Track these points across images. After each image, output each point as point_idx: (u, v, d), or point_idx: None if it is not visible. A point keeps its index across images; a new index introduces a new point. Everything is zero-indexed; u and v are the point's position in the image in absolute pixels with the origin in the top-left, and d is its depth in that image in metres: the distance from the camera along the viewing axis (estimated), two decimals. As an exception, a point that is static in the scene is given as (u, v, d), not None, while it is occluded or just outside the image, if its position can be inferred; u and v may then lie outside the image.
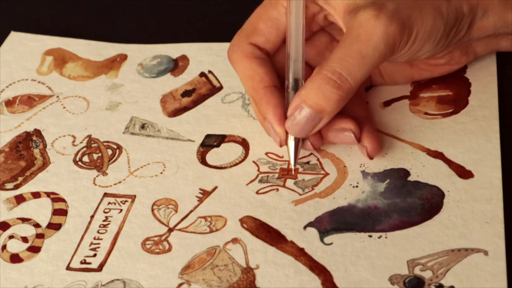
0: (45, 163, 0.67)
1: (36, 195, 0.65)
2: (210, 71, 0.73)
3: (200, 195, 0.62)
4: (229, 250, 0.58)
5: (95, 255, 0.60)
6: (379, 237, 0.57)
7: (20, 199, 0.64)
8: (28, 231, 0.62)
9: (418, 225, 0.58)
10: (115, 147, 0.68)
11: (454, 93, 0.67)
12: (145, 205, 0.63)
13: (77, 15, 0.82)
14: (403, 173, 0.62)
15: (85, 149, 0.68)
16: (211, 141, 0.67)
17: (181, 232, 0.60)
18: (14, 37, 0.79)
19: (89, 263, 0.59)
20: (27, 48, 0.78)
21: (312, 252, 0.57)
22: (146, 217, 0.62)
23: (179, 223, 0.61)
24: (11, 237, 0.62)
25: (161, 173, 0.65)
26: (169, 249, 0.59)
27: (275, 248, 0.58)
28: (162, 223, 0.61)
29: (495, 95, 0.66)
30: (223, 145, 0.66)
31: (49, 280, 0.58)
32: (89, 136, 0.69)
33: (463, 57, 0.67)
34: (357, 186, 0.61)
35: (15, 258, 0.60)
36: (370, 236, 0.58)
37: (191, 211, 0.61)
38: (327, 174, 0.62)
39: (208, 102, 0.70)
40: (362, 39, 0.58)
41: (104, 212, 0.62)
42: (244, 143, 0.66)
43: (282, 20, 0.63)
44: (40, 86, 0.74)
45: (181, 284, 0.57)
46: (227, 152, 0.65)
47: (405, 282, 0.55)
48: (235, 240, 0.59)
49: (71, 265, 0.59)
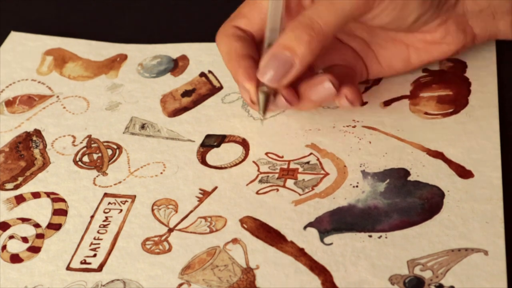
0: (45, 163, 0.67)
1: (36, 195, 0.65)
2: (210, 71, 0.73)
3: (200, 195, 0.62)
4: (229, 250, 0.58)
5: (95, 255, 0.60)
6: (379, 237, 0.57)
7: (20, 199, 0.64)
8: (28, 231, 0.62)
9: (418, 225, 0.58)
10: (115, 147, 0.68)
11: (454, 92, 0.67)
12: (145, 205, 0.63)
13: (77, 15, 0.82)
14: (403, 173, 0.62)
15: (85, 149, 0.68)
16: (211, 141, 0.67)
17: (181, 232, 0.60)
18: (14, 37, 0.79)
19: (89, 263, 0.59)
20: (27, 48, 0.78)
21: (312, 252, 0.57)
22: (146, 217, 0.62)
23: (179, 223, 0.61)
24: (11, 237, 0.62)
25: (161, 173, 0.65)
26: (169, 249, 0.59)
27: (275, 248, 0.58)
28: (162, 223, 0.61)
29: (495, 95, 0.66)
30: (223, 145, 0.66)
31: (49, 280, 0.58)
32: (89, 136, 0.69)
33: (460, 34, 0.65)
34: (357, 186, 0.61)
35: (15, 258, 0.60)
36: (370, 236, 0.58)
37: (191, 211, 0.61)
38: (327, 174, 0.62)
39: (208, 102, 0.70)
40: None
41: (104, 212, 0.62)
42: (244, 143, 0.66)
43: (265, 4, 0.63)
44: (40, 86, 0.74)
45: (181, 284, 0.57)
46: (227, 152, 0.65)
47: (405, 282, 0.55)
48: (235, 240, 0.59)
49: (71, 265, 0.59)
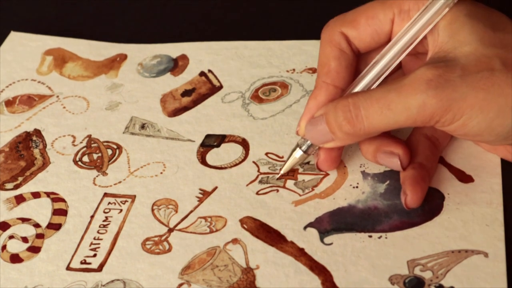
0: (45, 163, 0.67)
1: (36, 195, 0.65)
2: (210, 71, 0.73)
3: (200, 195, 0.62)
4: (229, 251, 0.58)
5: (95, 255, 0.60)
6: (379, 237, 0.57)
7: (20, 199, 0.64)
8: (28, 231, 0.62)
9: (418, 226, 0.58)
10: (115, 147, 0.68)
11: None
12: (145, 205, 0.63)
13: (77, 15, 0.82)
14: (403, 173, 0.62)
15: (85, 149, 0.68)
16: (211, 141, 0.67)
17: (181, 232, 0.60)
18: (14, 37, 0.79)
19: (89, 263, 0.59)
20: (27, 48, 0.78)
21: (312, 252, 0.57)
22: (146, 217, 0.62)
23: (179, 223, 0.61)
24: (11, 237, 0.62)
25: (161, 173, 0.65)
26: (169, 249, 0.59)
27: (275, 248, 0.58)
28: (162, 223, 0.61)
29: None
30: (223, 145, 0.66)
31: (49, 280, 0.58)
32: (89, 136, 0.69)
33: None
34: (357, 187, 0.61)
35: (15, 258, 0.60)
36: (370, 236, 0.58)
37: (191, 211, 0.61)
38: (327, 174, 0.62)
39: (208, 101, 0.70)
40: (401, 92, 0.54)
41: (104, 212, 0.62)
42: (244, 143, 0.66)
43: (385, 24, 0.59)
44: (40, 86, 0.74)
45: (181, 284, 0.57)
46: (227, 152, 0.65)
47: (405, 282, 0.55)
48: (235, 241, 0.59)
49: (71, 265, 0.59)
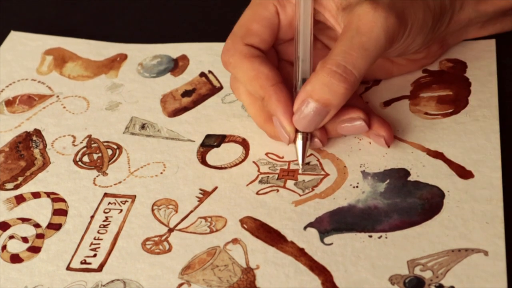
0: (45, 163, 0.67)
1: (36, 195, 0.65)
2: (210, 71, 0.73)
3: (200, 195, 0.62)
4: (229, 251, 0.58)
5: (95, 255, 0.60)
6: (379, 237, 0.57)
7: (20, 199, 0.64)
8: (28, 231, 0.62)
9: (418, 225, 0.58)
10: (115, 147, 0.68)
11: (454, 92, 0.67)
12: (145, 205, 0.63)
13: (77, 15, 0.82)
14: (403, 173, 0.62)
15: (85, 149, 0.68)
16: (211, 141, 0.67)
17: (181, 232, 0.60)
18: (14, 36, 0.79)
19: (89, 263, 0.59)
20: (27, 47, 0.78)
21: (312, 252, 0.57)
22: (146, 217, 0.62)
23: (179, 223, 0.61)
24: (11, 237, 0.62)
25: (161, 173, 0.65)
26: (169, 249, 0.59)
27: (275, 248, 0.58)
28: (162, 223, 0.61)
29: (495, 95, 0.66)
30: (223, 145, 0.66)
31: (49, 280, 0.58)
32: (89, 136, 0.69)
33: (439, 50, 0.69)
34: (357, 187, 0.61)
35: (15, 258, 0.60)
36: (370, 236, 0.58)
37: (191, 212, 0.61)
38: (327, 174, 0.62)
39: (208, 102, 0.70)
40: (363, 31, 0.59)
41: (104, 212, 0.62)
42: (244, 143, 0.66)
43: (274, 19, 0.63)
44: (40, 85, 0.74)
45: (181, 284, 0.57)
46: (227, 152, 0.65)
47: (405, 282, 0.55)
48: (235, 241, 0.59)
49: (71, 265, 0.59)
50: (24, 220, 0.63)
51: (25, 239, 0.61)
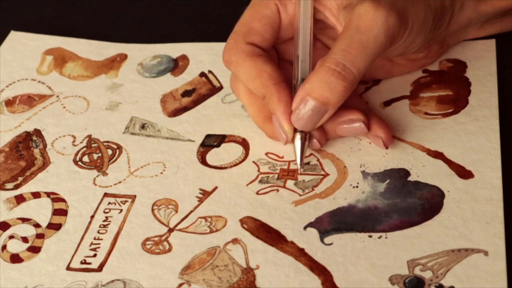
0: (45, 163, 0.67)
1: (36, 195, 0.65)
2: (210, 71, 0.73)
3: (200, 195, 0.62)
4: (229, 251, 0.58)
5: (95, 255, 0.60)
6: (379, 237, 0.57)
7: (20, 199, 0.64)
8: (28, 231, 0.62)
9: (418, 225, 0.58)
10: (115, 147, 0.68)
11: (454, 92, 0.67)
12: (145, 205, 0.63)
13: (77, 15, 0.82)
14: (403, 173, 0.62)
15: (85, 149, 0.68)
16: (211, 141, 0.67)
17: (181, 232, 0.60)
18: (14, 36, 0.79)
19: (89, 263, 0.59)
20: (27, 47, 0.78)
21: (312, 252, 0.57)
22: (146, 217, 0.62)
23: (179, 223, 0.61)
24: (11, 237, 0.62)
25: (161, 173, 0.65)
26: (169, 249, 0.59)
27: (275, 248, 0.58)
28: (162, 223, 0.61)
29: (495, 95, 0.66)
30: (223, 145, 0.66)
31: (49, 280, 0.58)
32: (89, 136, 0.69)
33: (439, 50, 0.69)
34: (357, 187, 0.61)
35: (15, 258, 0.60)
36: (370, 236, 0.58)
37: (191, 211, 0.61)
38: (327, 174, 0.62)
39: (208, 102, 0.70)
40: (363, 30, 0.59)
41: (104, 212, 0.62)
42: (244, 143, 0.66)
43: (275, 18, 0.64)
44: (40, 85, 0.74)
45: (181, 284, 0.57)
46: (227, 152, 0.65)
47: (405, 282, 0.55)
48: (235, 241, 0.59)
49: (71, 265, 0.59)
50: (24, 220, 0.63)
51: (25, 239, 0.61)
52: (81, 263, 0.59)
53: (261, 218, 0.60)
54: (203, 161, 0.65)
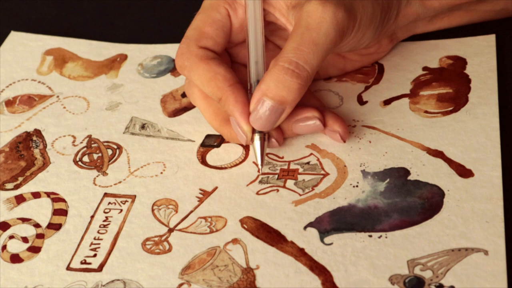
0: (45, 163, 0.67)
1: (36, 195, 0.65)
2: (210, 71, 0.73)
3: (200, 196, 0.62)
4: (229, 251, 0.58)
5: (95, 255, 0.60)
6: (379, 237, 0.57)
7: (20, 199, 0.65)
8: (28, 231, 0.62)
9: (418, 225, 0.58)
10: (115, 147, 0.68)
11: (454, 90, 0.67)
12: (145, 205, 0.63)
13: (77, 15, 0.82)
14: (403, 172, 0.61)
15: (85, 149, 0.68)
16: (211, 141, 0.67)
17: (181, 232, 0.60)
18: (14, 37, 0.79)
19: (89, 263, 0.59)
20: (27, 48, 0.78)
21: (312, 252, 0.57)
22: (146, 217, 0.62)
23: (179, 223, 0.61)
24: (11, 237, 0.62)
25: (161, 173, 0.65)
26: (169, 250, 0.59)
27: (275, 248, 0.58)
28: (162, 223, 0.61)
29: (495, 92, 0.66)
30: (223, 145, 0.66)
31: (49, 280, 0.58)
32: (89, 136, 0.69)
33: (389, 44, 0.70)
34: (357, 186, 0.61)
35: (15, 258, 0.60)
36: (370, 236, 0.58)
37: (191, 212, 0.61)
38: (327, 174, 0.62)
39: (208, 101, 0.70)
40: (313, 27, 0.60)
41: (104, 212, 0.62)
42: (244, 143, 0.66)
43: (226, 22, 0.64)
44: (40, 86, 0.74)
45: (181, 285, 0.57)
46: (227, 152, 0.65)
47: (405, 282, 0.55)
48: (235, 241, 0.59)
49: (71, 265, 0.59)
50: (24, 220, 0.63)
51: (25, 239, 0.62)
52: (81, 263, 0.59)
53: (261, 218, 0.60)
54: (203, 161, 0.65)
